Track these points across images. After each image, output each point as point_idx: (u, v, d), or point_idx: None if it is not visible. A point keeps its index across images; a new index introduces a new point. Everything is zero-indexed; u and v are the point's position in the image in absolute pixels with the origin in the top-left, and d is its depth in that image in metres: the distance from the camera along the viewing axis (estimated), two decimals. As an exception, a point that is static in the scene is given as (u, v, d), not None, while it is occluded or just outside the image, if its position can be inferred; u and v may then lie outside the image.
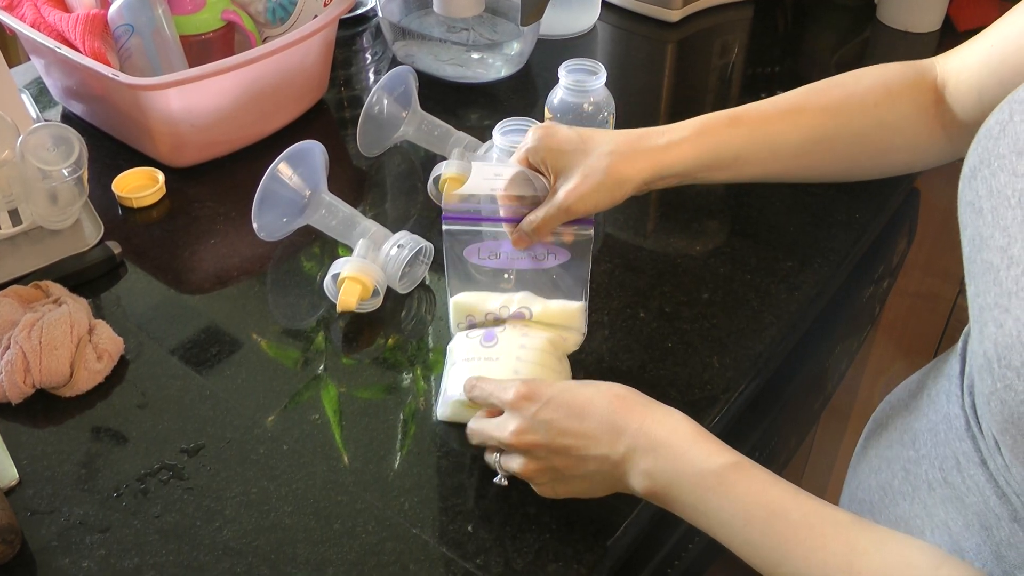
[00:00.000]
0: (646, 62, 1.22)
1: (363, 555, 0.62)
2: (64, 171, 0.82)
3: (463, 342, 0.72)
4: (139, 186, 0.94)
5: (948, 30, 1.25)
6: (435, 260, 0.83)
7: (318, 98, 1.08)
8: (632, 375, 0.75)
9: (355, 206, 0.85)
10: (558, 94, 0.90)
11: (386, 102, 0.94)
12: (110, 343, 0.75)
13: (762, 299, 0.82)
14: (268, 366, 0.77)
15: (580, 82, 0.88)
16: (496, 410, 0.64)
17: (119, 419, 0.72)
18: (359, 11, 1.27)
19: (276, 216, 0.84)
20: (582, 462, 0.59)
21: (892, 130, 0.71)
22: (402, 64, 1.06)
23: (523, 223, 0.72)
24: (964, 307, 0.52)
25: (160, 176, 0.95)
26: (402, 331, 0.80)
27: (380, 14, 1.16)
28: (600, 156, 0.70)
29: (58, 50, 0.92)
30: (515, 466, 0.62)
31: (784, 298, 0.83)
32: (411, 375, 0.76)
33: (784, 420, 0.94)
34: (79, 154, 0.83)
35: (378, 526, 0.64)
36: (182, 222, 0.92)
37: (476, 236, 0.74)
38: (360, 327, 0.80)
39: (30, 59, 1.09)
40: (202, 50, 1.00)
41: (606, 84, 0.89)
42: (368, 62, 1.21)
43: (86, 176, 0.85)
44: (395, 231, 0.82)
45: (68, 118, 1.07)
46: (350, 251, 0.82)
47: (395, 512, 0.65)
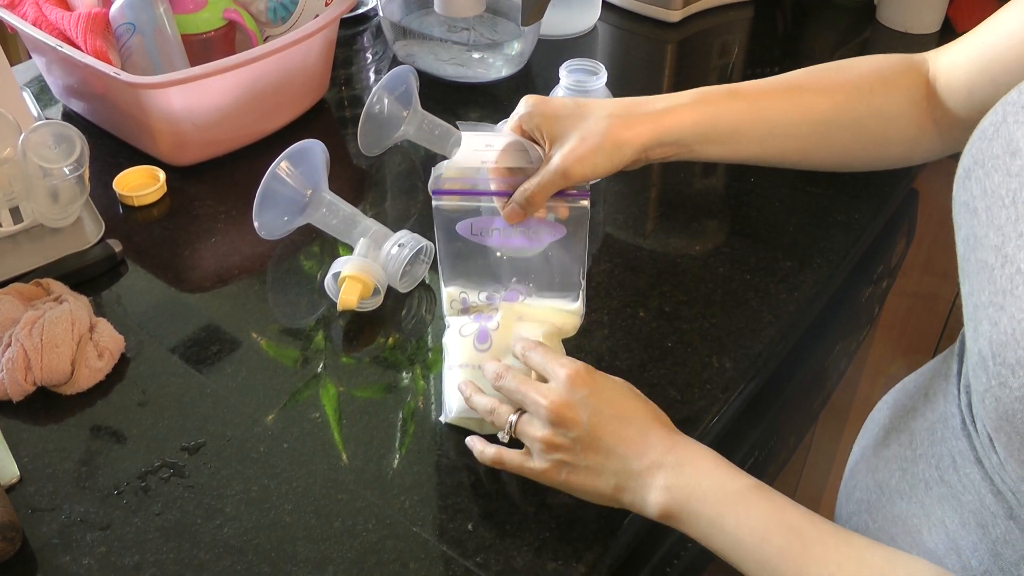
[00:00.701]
0: (646, 62, 1.22)
1: (363, 553, 0.62)
2: (65, 169, 0.82)
3: (457, 342, 0.72)
4: (140, 184, 0.94)
5: (947, 31, 1.25)
6: (435, 258, 0.83)
7: (319, 97, 1.08)
8: (632, 374, 0.75)
9: (356, 205, 0.85)
10: (559, 94, 0.90)
11: (387, 101, 0.94)
12: (111, 341, 0.75)
13: (761, 299, 0.83)
14: (268, 364, 0.77)
15: (580, 82, 0.88)
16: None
17: (120, 417, 0.72)
18: (360, 11, 1.27)
19: (277, 215, 0.84)
20: (606, 460, 0.59)
21: (886, 120, 0.71)
22: (403, 64, 1.07)
23: (516, 194, 0.69)
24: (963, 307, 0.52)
25: (161, 175, 0.95)
26: (402, 330, 0.80)
27: (381, 14, 1.16)
28: (598, 119, 0.69)
29: (59, 48, 0.92)
30: (538, 433, 0.61)
31: (783, 298, 0.83)
32: (411, 374, 0.76)
33: (783, 420, 0.94)
34: (80, 152, 0.83)
35: (378, 524, 0.64)
36: (183, 221, 0.92)
37: (468, 212, 0.72)
38: (360, 326, 0.80)
39: (31, 57, 1.09)
40: (203, 49, 1.00)
41: (606, 84, 0.90)
42: (369, 61, 1.21)
43: (87, 174, 0.85)
44: (396, 230, 0.82)
45: (69, 116, 1.07)
46: (350, 250, 0.82)
47: (395, 510, 0.65)
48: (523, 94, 0.73)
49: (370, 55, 1.22)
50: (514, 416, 0.63)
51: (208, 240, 0.89)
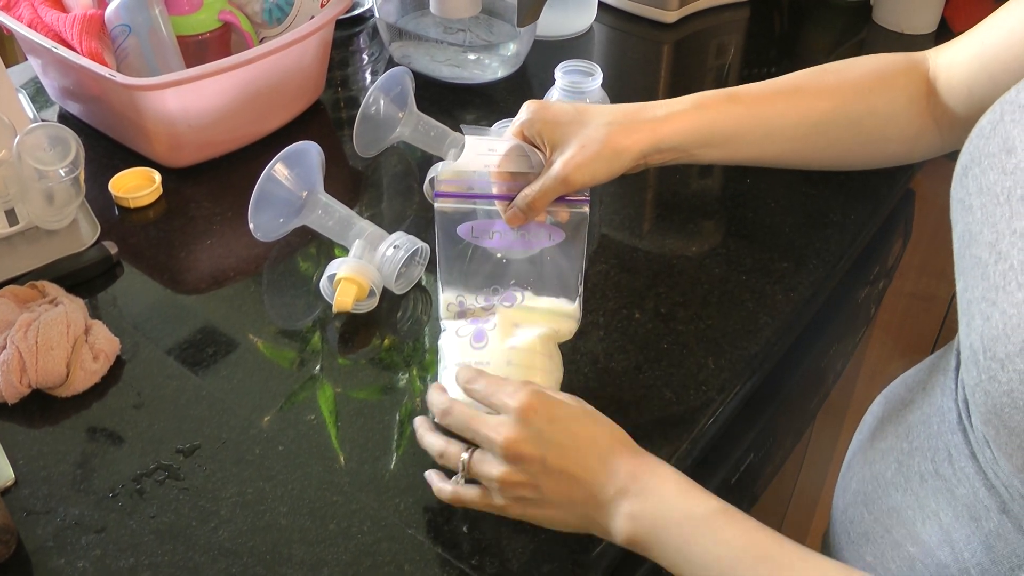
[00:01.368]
0: (642, 63, 1.22)
1: (358, 555, 0.62)
2: (61, 171, 0.82)
3: (453, 341, 0.72)
4: (136, 186, 0.94)
5: (944, 31, 1.25)
6: (431, 260, 0.83)
7: (315, 99, 1.08)
8: (627, 376, 0.75)
9: (351, 207, 0.85)
10: (554, 95, 0.90)
11: (382, 103, 0.94)
12: (106, 343, 0.75)
13: (757, 300, 0.83)
14: (264, 366, 0.77)
15: (576, 83, 0.88)
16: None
17: (115, 419, 0.72)
18: (356, 12, 1.27)
19: (272, 216, 0.84)
20: (569, 491, 0.58)
21: (884, 119, 0.71)
22: (399, 65, 1.07)
23: (517, 198, 0.70)
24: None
25: (157, 176, 0.95)
26: (398, 332, 0.80)
27: (377, 15, 1.16)
28: (598, 127, 0.69)
29: (55, 50, 0.92)
30: (494, 471, 0.58)
31: (780, 299, 0.83)
32: (407, 376, 0.76)
33: (780, 421, 0.94)
34: (76, 154, 0.83)
35: (373, 526, 0.64)
36: (178, 222, 0.92)
37: (468, 215, 0.72)
38: (356, 328, 0.80)
39: (27, 59, 1.09)
40: (199, 50, 1.00)
41: (602, 85, 0.90)
42: (365, 63, 1.21)
43: (83, 176, 0.85)
44: (391, 232, 0.82)
45: (65, 118, 1.07)
46: (346, 252, 0.82)
47: (391, 512, 0.65)
48: (519, 95, 0.73)
49: (366, 56, 1.22)
50: (466, 455, 0.61)
51: (204, 242, 0.89)
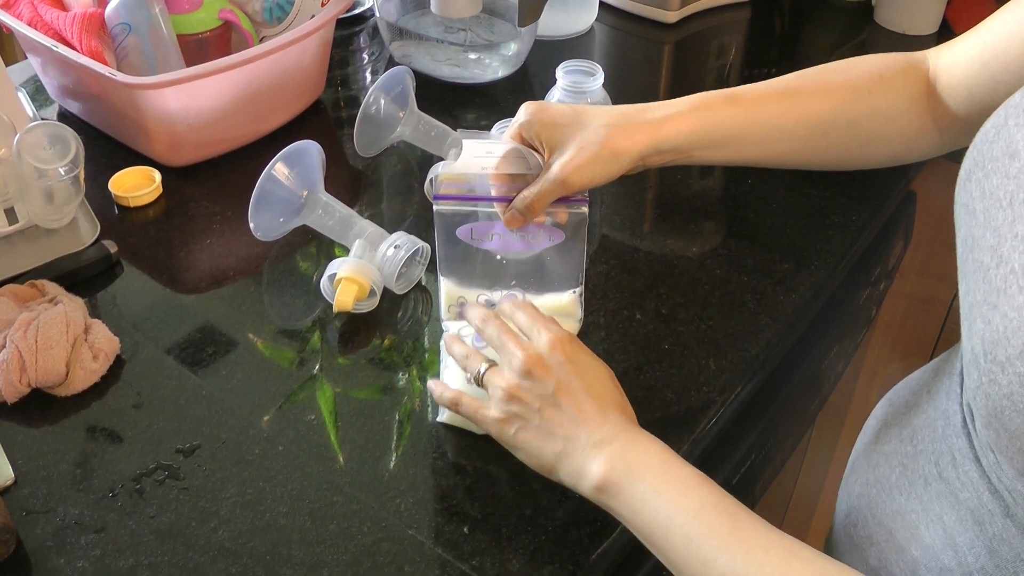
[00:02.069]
0: (643, 63, 1.22)
1: (359, 556, 0.62)
2: (60, 170, 0.82)
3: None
4: (135, 185, 0.94)
5: (945, 32, 1.25)
6: (432, 260, 0.83)
7: (315, 98, 1.08)
8: (628, 376, 0.75)
9: (352, 206, 0.85)
10: (555, 95, 0.90)
11: (383, 102, 0.94)
12: (106, 342, 0.75)
13: (758, 301, 0.83)
14: (264, 366, 0.76)
15: (577, 83, 0.88)
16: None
17: (115, 419, 0.72)
18: (356, 11, 1.27)
19: (272, 216, 0.83)
20: (559, 424, 0.59)
21: (884, 119, 0.71)
22: (399, 64, 1.06)
23: (516, 200, 0.71)
24: (960, 309, 0.52)
25: (156, 175, 0.94)
26: (398, 332, 0.80)
27: (377, 14, 1.16)
28: (596, 129, 0.69)
29: (55, 48, 0.92)
30: (503, 381, 0.61)
31: (780, 300, 0.83)
32: (407, 376, 0.76)
33: (780, 422, 0.94)
34: (75, 153, 0.83)
35: (374, 527, 0.64)
36: (178, 221, 0.92)
37: (468, 217, 0.73)
38: (356, 327, 0.80)
39: (27, 57, 1.09)
40: (199, 49, 1.00)
41: (603, 85, 0.89)
42: (365, 62, 1.21)
43: (82, 175, 0.85)
44: (392, 231, 0.82)
45: (64, 117, 1.07)
46: (346, 251, 0.82)
47: (391, 513, 0.65)
48: (520, 95, 0.73)
49: (366, 56, 1.22)
50: (486, 365, 0.64)
51: (204, 241, 0.89)
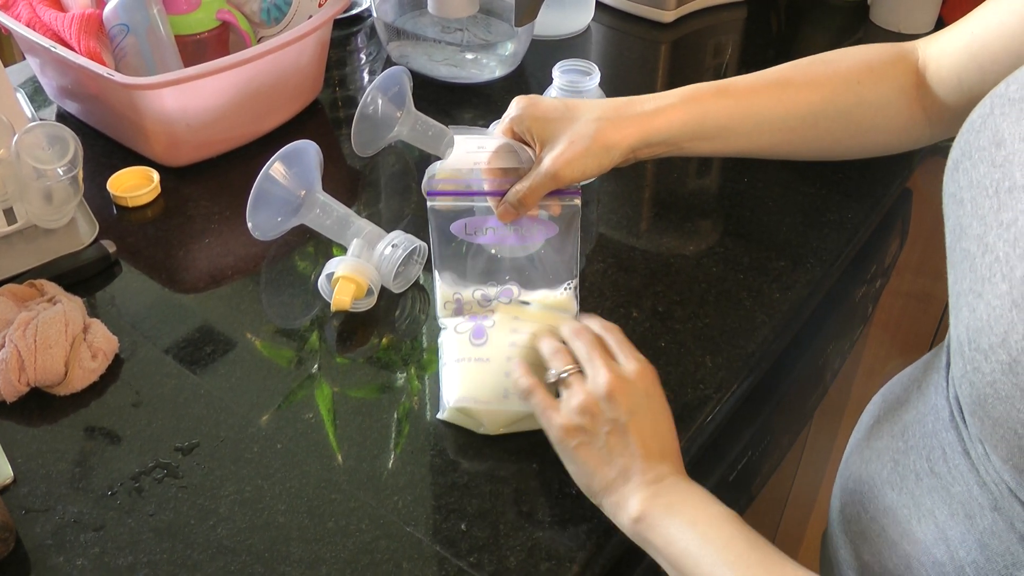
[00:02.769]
0: (640, 63, 1.23)
1: (356, 553, 0.62)
2: (59, 170, 0.82)
3: (452, 338, 0.72)
4: (134, 185, 0.94)
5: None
6: (429, 259, 0.83)
7: (313, 98, 1.08)
8: (625, 374, 0.75)
9: (349, 206, 0.85)
10: (552, 94, 0.90)
11: (380, 102, 0.94)
12: (105, 342, 0.75)
13: (755, 299, 0.83)
14: (262, 365, 0.77)
15: (574, 82, 0.88)
16: None
17: (113, 418, 0.72)
18: (354, 11, 1.27)
19: (270, 216, 0.84)
20: (621, 453, 0.60)
21: (874, 109, 0.71)
22: (396, 64, 1.07)
23: (508, 194, 0.71)
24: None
25: (155, 175, 0.95)
26: (396, 330, 0.80)
27: (375, 14, 1.16)
28: (587, 122, 0.70)
29: (53, 49, 0.92)
30: (584, 394, 0.61)
31: (777, 298, 0.83)
32: (405, 374, 0.76)
33: (777, 419, 0.94)
34: (74, 153, 0.83)
35: (371, 524, 0.64)
36: (177, 221, 0.92)
37: (462, 212, 0.73)
38: (354, 326, 0.81)
39: (25, 58, 1.09)
40: (197, 50, 1.00)
41: (600, 85, 0.90)
42: (363, 62, 1.21)
43: (81, 175, 0.85)
44: (389, 231, 0.82)
45: (63, 117, 1.07)
46: (344, 251, 0.82)
47: (389, 510, 0.65)
48: (516, 95, 0.74)
49: (364, 56, 1.23)
50: (572, 367, 0.64)
51: (202, 241, 0.89)
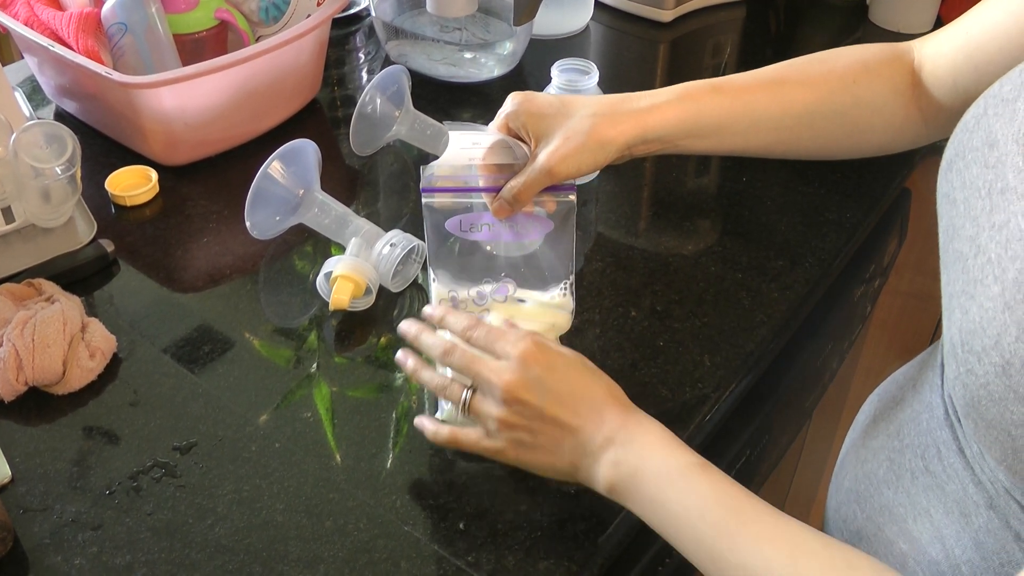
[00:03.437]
0: (638, 62, 1.23)
1: (355, 552, 0.62)
2: (57, 169, 0.82)
3: (447, 336, 0.72)
4: (132, 184, 0.94)
5: (939, 31, 1.25)
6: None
7: (311, 97, 1.08)
8: (623, 374, 0.75)
9: (348, 205, 0.85)
10: (551, 93, 0.90)
11: (379, 101, 0.94)
12: (103, 341, 0.75)
13: (753, 298, 0.83)
14: (260, 364, 0.77)
15: (572, 82, 0.88)
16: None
17: (112, 417, 0.72)
18: (352, 11, 1.27)
19: (269, 215, 0.84)
20: (562, 438, 0.60)
21: (869, 109, 0.71)
22: (395, 63, 1.07)
23: (503, 190, 0.71)
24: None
25: (153, 174, 0.95)
26: (394, 330, 0.80)
27: (373, 14, 1.16)
28: (582, 118, 0.69)
29: (51, 48, 0.92)
30: (493, 411, 0.61)
31: (775, 297, 0.83)
32: (403, 374, 0.76)
33: (776, 419, 0.94)
34: (72, 152, 0.83)
35: (370, 523, 0.64)
36: (175, 220, 0.92)
37: (456, 208, 0.73)
38: (352, 326, 0.80)
39: (23, 57, 1.09)
40: (195, 49, 1.00)
41: (598, 84, 0.90)
42: (361, 61, 1.21)
43: (79, 174, 0.85)
44: (388, 230, 0.82)
45: (61, 116, 1.07)
46: (343, 250, 0.82)
47: (387, 510, 0.65)
48: (514, 93, 0.73)
49: (362, 55, 1.22)
50: (468, 392, 0.63)
51: (200, 240, 0.89)
